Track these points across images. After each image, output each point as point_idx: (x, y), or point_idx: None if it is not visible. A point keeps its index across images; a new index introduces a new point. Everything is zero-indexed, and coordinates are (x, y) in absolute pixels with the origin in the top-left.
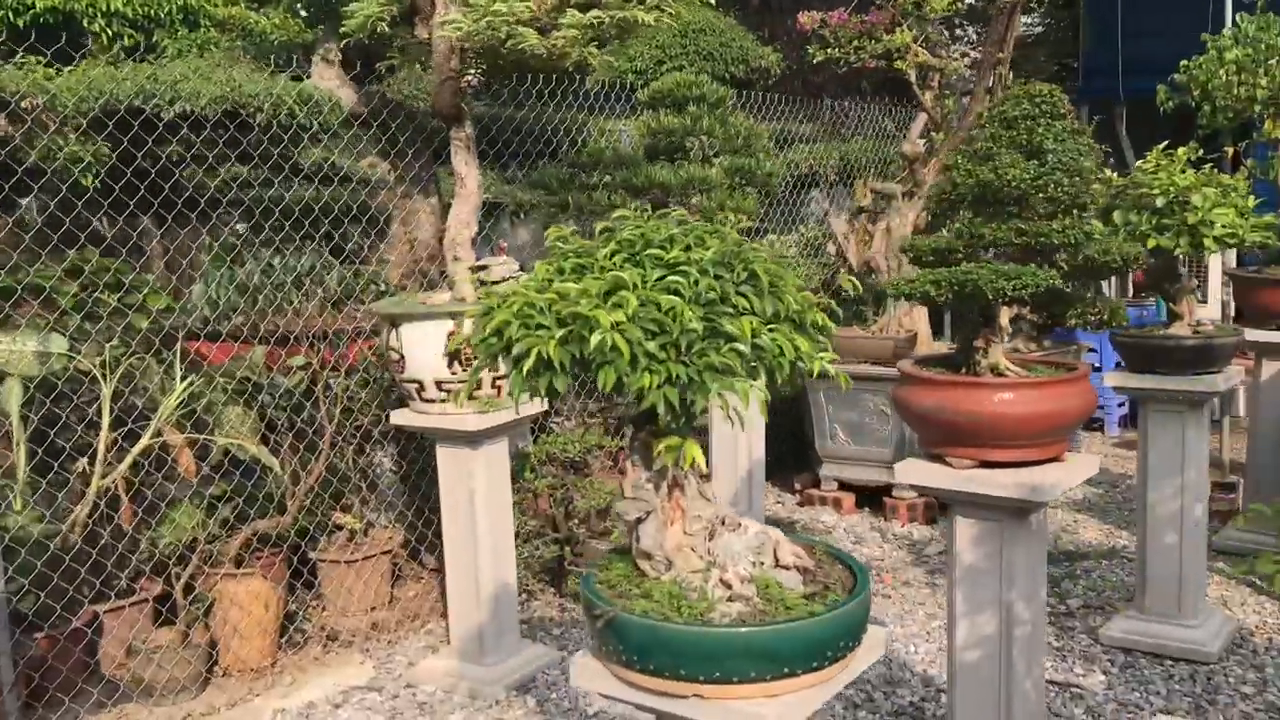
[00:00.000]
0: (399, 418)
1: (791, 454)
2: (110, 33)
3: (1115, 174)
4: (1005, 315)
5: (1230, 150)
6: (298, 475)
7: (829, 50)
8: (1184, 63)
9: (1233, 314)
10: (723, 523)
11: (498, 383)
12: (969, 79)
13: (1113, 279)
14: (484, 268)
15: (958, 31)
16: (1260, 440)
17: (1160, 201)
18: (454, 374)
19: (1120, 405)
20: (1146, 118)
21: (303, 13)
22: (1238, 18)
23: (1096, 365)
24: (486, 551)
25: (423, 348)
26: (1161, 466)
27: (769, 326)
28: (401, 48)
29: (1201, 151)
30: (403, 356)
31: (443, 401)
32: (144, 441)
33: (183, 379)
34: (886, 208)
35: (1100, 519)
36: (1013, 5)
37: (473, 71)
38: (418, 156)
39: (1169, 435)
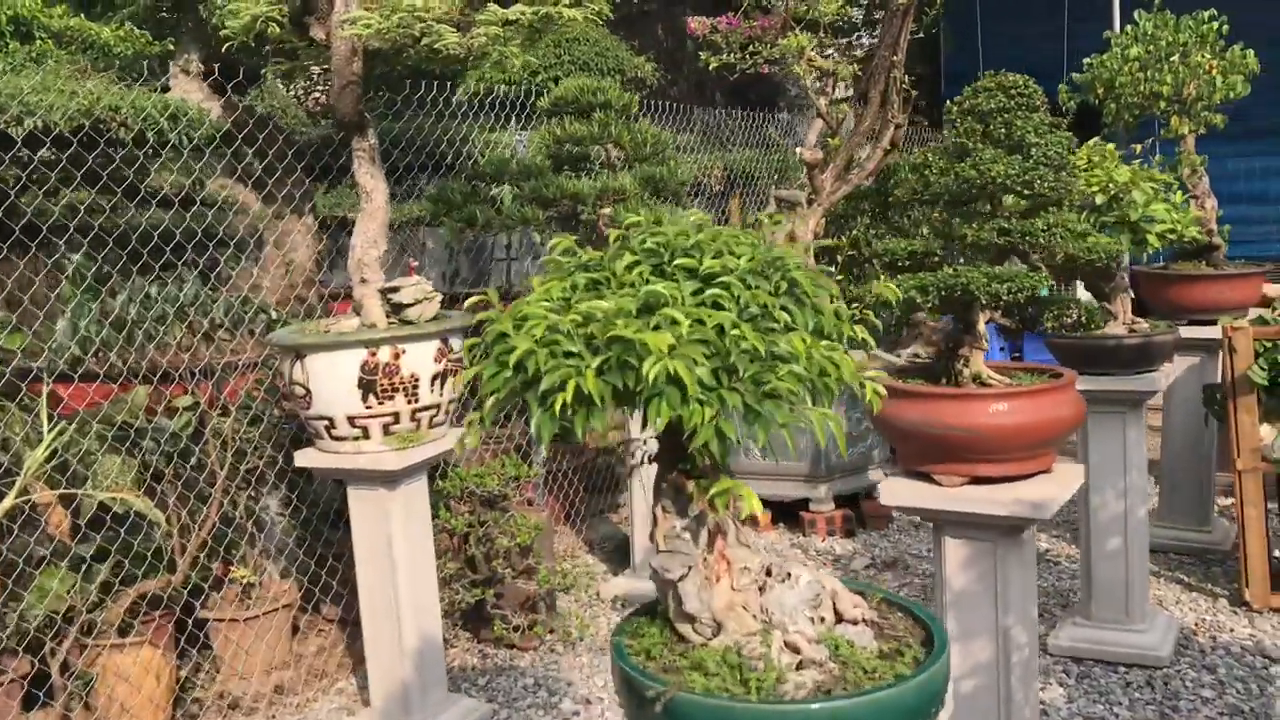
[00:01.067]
0: (305, 459)
1: None
2: None
3: None
4: (982, 320)
5: (1138, 148)
6: (187, 527)
7: (723, 56)
8: (1086, 60)
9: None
10: (768, 573)
11: (418, 415)
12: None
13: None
14: (395, 289)
15: (844, 39)
16: (1173, 437)
17: (1100, 199)
18: (369, 408)
19: None
20: None
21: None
22: (1136, 15)
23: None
24: (408, 601)
25: (333, 381)
26: (1104, 469)
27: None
28: (291, 51)
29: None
30: (309, 391)
31: (356, 439)
32: (8, 501)
33: (51, 427)
34: (792, 214)
35: None
36: (906, 8)
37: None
38: (289, 173)
39: (1111, 437)
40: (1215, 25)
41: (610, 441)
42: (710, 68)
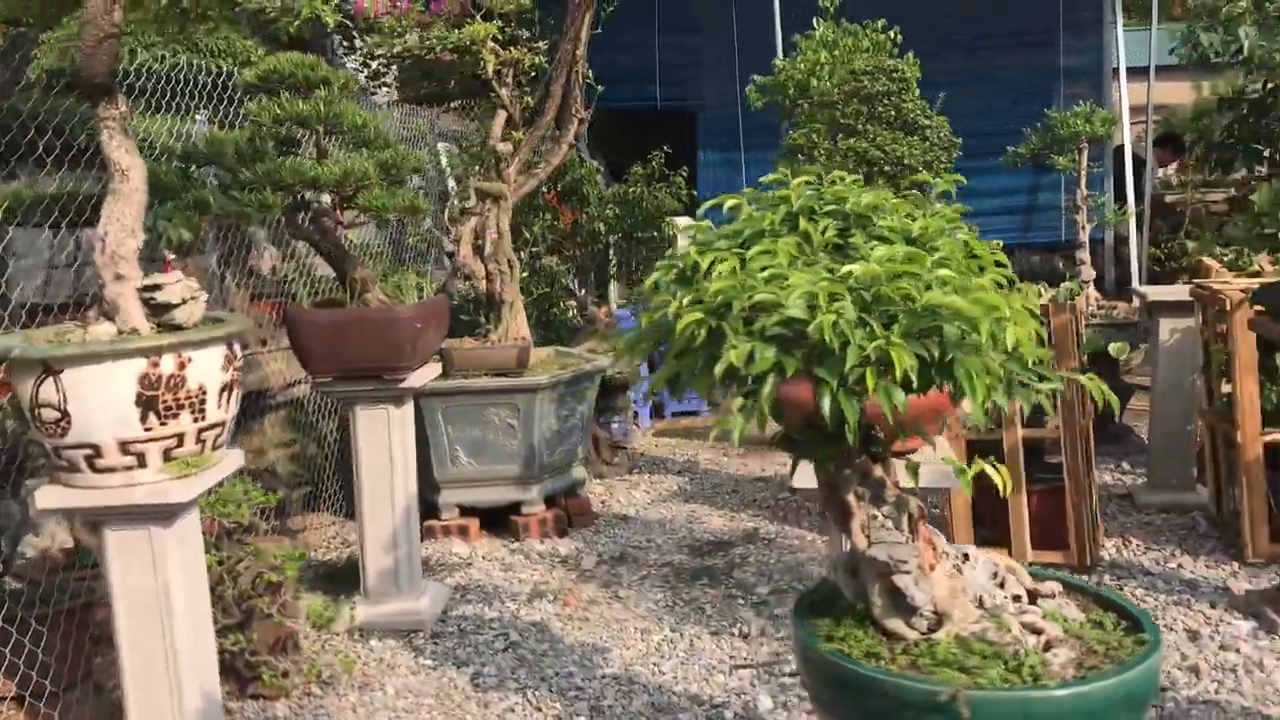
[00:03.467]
0: (52, 498)
1: None
2: None
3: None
4: None
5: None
6: None
7: (403, 39)
8: (776, 62)
9: None
10: (947, 556)
11: (204, 435)
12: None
13: None
14: (156, 288)
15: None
16: (1161, 400)
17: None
18: (149, 430)
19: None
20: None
21: None
22: (815, 22)
23: None
24: (188, 662)
25: (102, 399)
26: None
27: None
28: None
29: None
30: (65, 415)
31: (129, 469)
32: None
33: None
34: (495, 208)
35: (713, 506)
36: (588, 4)
37: None
38: None
39: None
40: (891, 35)
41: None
42: (394, 52)
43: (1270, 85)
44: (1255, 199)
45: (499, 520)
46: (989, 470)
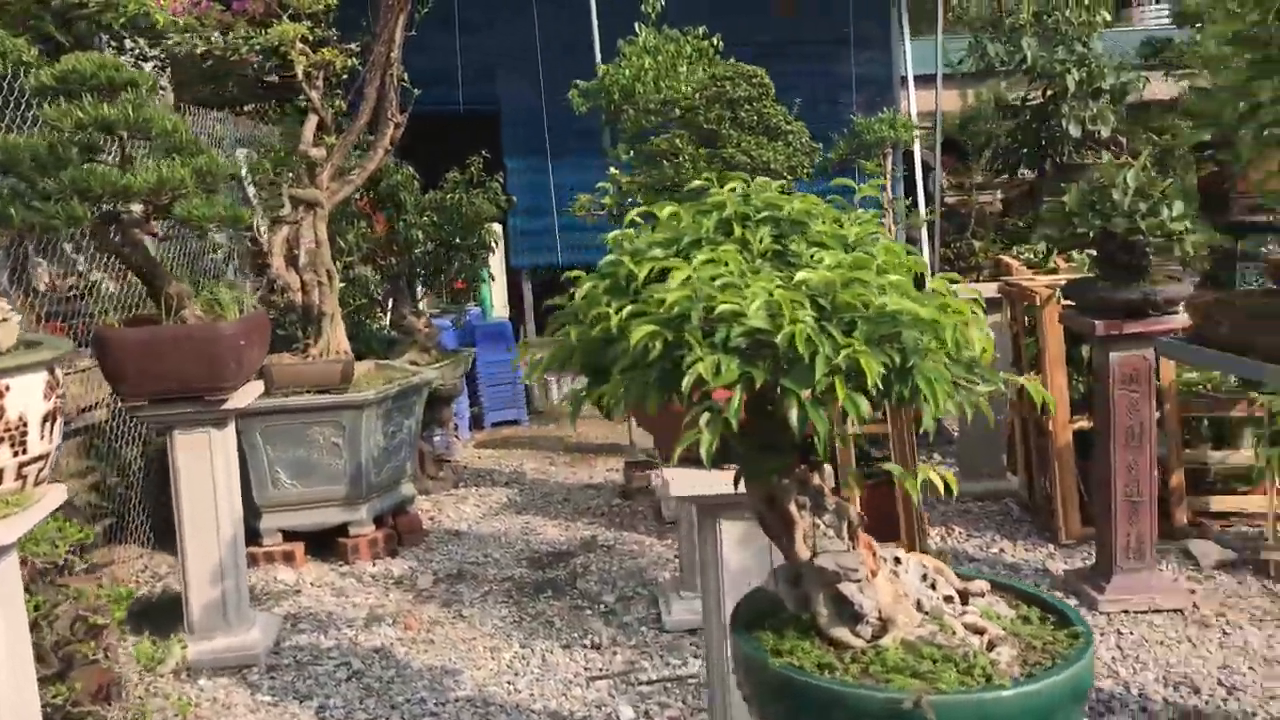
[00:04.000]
0: None
1: None
2: None
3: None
4: None
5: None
6: None
7: (206, 40)
8: (601, 68)
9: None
10: (885, 561)
11: (24, 470)
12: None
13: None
14: None
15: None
16: None
17: None
18: None
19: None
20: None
21: None
22: (637, 27)
23: None
24: None
25: None
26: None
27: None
28: None
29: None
30: None
31: None
32: None
33: None
34: (310, 216)
35: (547, 516)
36: (402, 5)
37: None
38: None
39: None
40: (712, 41)
41: None
42: (198, 52)
43: (1050, 93)
44: (1067, 200)
45: (326, 543)
46: (933, 477)
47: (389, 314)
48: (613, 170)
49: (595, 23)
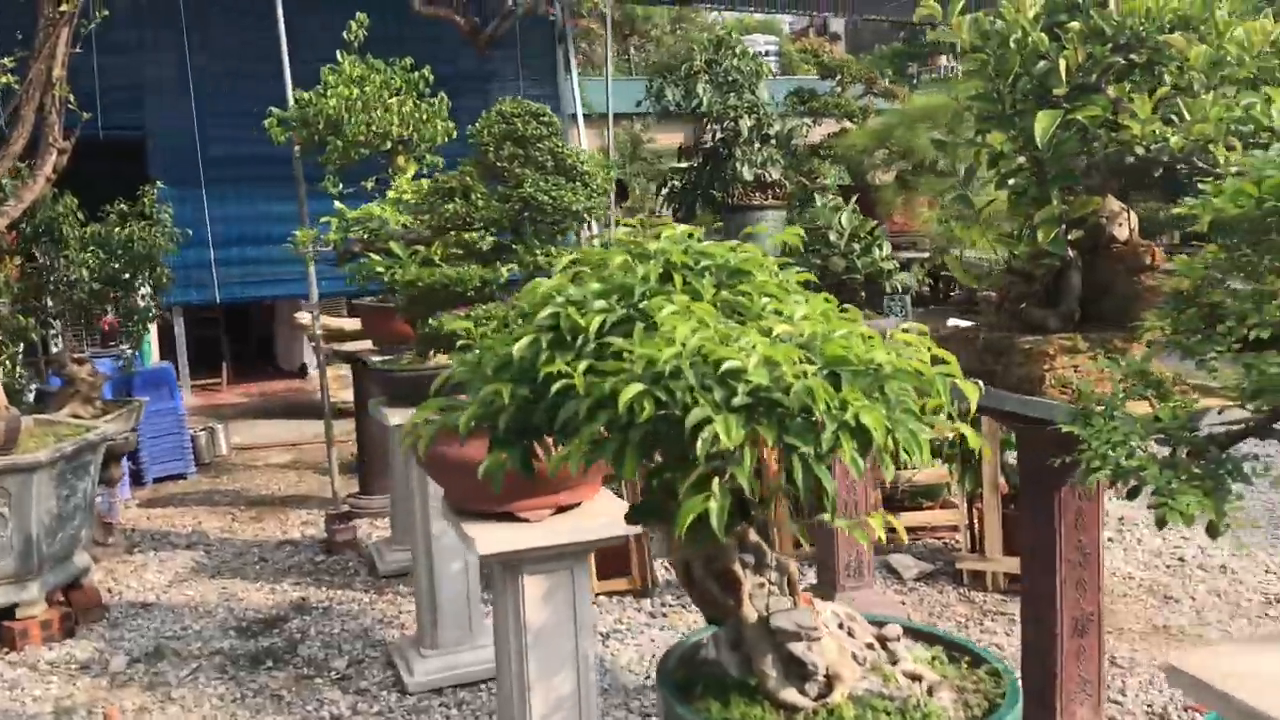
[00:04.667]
0: None
1: None
2: None
3: None
4: None
5: (370, 183)
6: None
7: None
8: (301, 95)
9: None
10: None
11: None
12: None
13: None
14: None
15: None
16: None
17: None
18: None
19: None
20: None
21: None
22: (339, 55)
23: None
24: None
25: None
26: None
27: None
28: None
29: None
30: None
31: None
32: None
33: None
34: None
35: (245, 579)
36: (66, 16)
37: None
38: None
39: None
40: (421, 74)
41: None
42: None
43: (721, 136)
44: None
45: None
46: (881, 522)
47: (46, 362)
48: (339, 205)
49: (285, 49)
